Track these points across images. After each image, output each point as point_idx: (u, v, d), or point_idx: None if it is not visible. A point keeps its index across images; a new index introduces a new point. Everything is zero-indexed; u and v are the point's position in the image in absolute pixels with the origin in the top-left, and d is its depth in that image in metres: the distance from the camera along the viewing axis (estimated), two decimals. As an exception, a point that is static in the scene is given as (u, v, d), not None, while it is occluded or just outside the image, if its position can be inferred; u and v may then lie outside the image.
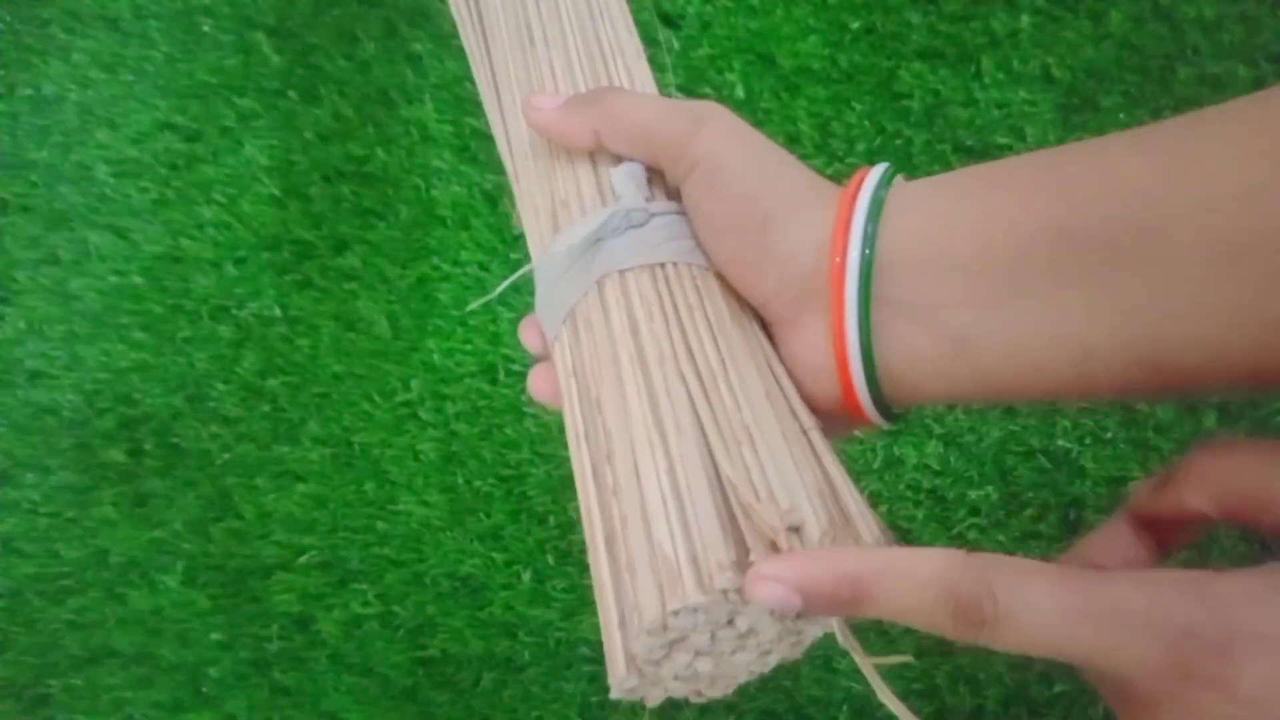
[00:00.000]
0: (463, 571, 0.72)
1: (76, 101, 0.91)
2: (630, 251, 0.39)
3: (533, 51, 0.48)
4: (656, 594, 0.31)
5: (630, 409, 0.36)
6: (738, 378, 0.36)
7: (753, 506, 0.32)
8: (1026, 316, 0.30)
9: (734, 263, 0.36)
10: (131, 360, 0.81)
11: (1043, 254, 0.29)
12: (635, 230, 0.39)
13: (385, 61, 0.87)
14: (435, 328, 0.78)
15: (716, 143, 0.35)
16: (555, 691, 0.68)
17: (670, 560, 0.32)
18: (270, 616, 0.73)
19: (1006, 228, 0.29)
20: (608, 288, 0.39)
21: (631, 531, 0.34)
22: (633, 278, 0.39)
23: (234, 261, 0.83)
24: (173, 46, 0.91)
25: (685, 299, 0.38)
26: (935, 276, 0.31)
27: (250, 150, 0.86)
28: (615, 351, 0.38)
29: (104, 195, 0.87)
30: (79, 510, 0.78)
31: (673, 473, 0.34)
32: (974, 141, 0.76)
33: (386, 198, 0.83)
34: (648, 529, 0.33)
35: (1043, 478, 0.68)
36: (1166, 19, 0.77)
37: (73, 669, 0.75)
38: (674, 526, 0.32)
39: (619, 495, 0.36)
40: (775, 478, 0.33)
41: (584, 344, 0.40)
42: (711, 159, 0.35)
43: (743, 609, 0.32)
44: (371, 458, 0.76)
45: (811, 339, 0.34)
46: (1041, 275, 0.29)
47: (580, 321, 0.40)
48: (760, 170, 0.35)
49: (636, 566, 0.33)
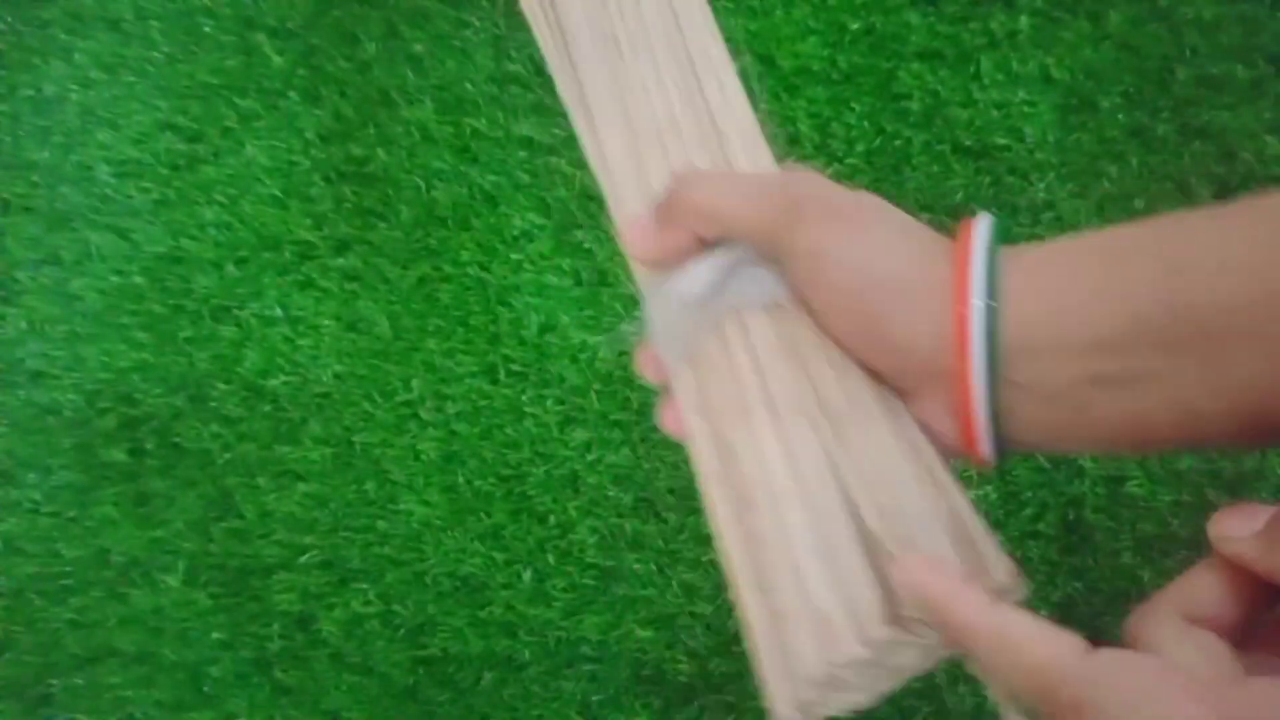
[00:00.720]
0: (463, 571, 0.72)
1: (78, 102, 0.91)
2: (747, 291, 0.40)
3: (621, 64, 0.48)
4: (816, 647, 0.33)
5: (767, 458, 0.37)
6: (866, 422, 0.37)
7: (900, 559, 0.33)
8: (1141, 391, 0.31)
9: (847, 345, 0.36)
10: (133, 360, 0.82)
11: (1157, 333, 0.30)
12: (750, 268, 0.39)
13: (386, 62, 0.87)
14: (436, 328, 0.78)
15: (816, 233, 0.34)
16: (555, 690, 0.68)
17: (826, 614, 0.33)
18: (271, 616, 0.73)
19: (1121, 309, 0.30)
20: (728, 327, 0.40)
21: (783, 583, 0.35)
22: (752, 318, 0.40)
23: (235, 262, 0.83)
24: (174, 47, 0.91)
25: (806, 339, 0.39)
26: (1054, 359, 0.31)
27: (251, 151, 0.86)
28: (744, 397, 0.39)
29: (105, 196, 0.87)
30: (80, 510, 0.78)
31: (818, 525, 0.35)
32: (973, 142, 0.76)
33: (387, 198, 0.83)
34: (799, 581, 0.35)
35: (1041, 477, 0.68)
36: (1165, 20, 0.77)
37: (74, 668, 0.75)
38: (826, 579, 0.34)
39: (766, 546, 0.36)
40: (915, 524, 0.34)
41: (709, 384, 0.40)
42: (812, 253, 0.34)
43: (895, 652, 0.34)
44: (372, 457, 0.76)
45: (931, 406, 0.35)
46: (1156, 353, 0.30)
47: (703, 361, 0.41)
48: (865, 261, 0.34)
49: (791, 618, 0.35)
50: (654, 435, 0.72)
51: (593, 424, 0.74)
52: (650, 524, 0.70)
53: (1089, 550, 0.67)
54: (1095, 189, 0.74)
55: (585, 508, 0.72)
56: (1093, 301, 0.31)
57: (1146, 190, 0.74)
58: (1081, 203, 0.74)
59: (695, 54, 0.48)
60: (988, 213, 0.34)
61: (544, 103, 0.84)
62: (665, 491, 0.71)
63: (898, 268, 0.33)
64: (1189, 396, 0.30)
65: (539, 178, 0.82)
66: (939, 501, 0.35)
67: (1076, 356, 0.31)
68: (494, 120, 0.84)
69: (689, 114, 0.46)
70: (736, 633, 0.68)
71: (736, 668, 0.67)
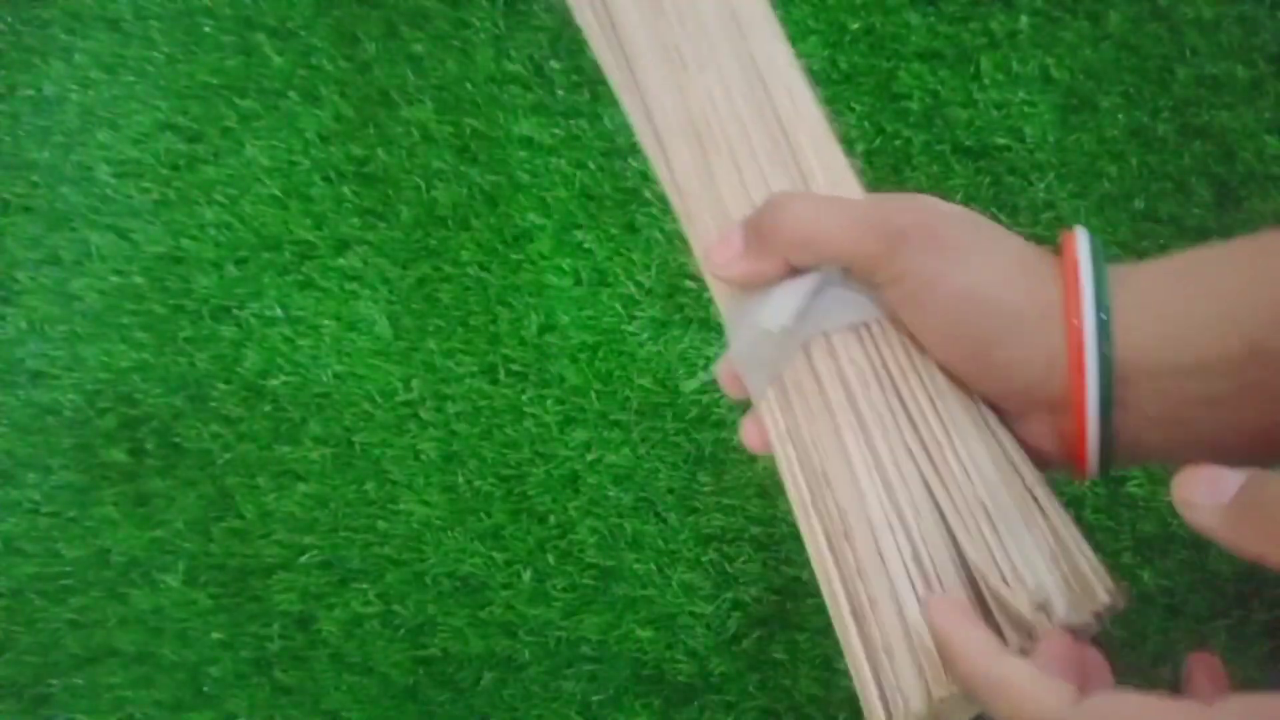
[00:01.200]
0: (463, 571, 0.72)
1: (78, 102, 0.91)
2: (834, 313, 0.39)
3: (686, 76, 0.46)
4: (920, 681, 0.33)
5: (862, 487, 0.37)
6: (963, 445, 0.36)
7: (1002, 593, 0.33)
8: (1254, 407, 0.31)
9: (951, 369, 0.35)
10: (133, 360, 0.82)
11: (1268, 354, 0.30)
12: (838, 289, 0.38)
13: (386, 62, 0.87)
14: (436, 328, 0.78)
15: (916, 260, 0.33)
16: (555, 690, 0.68)
17: (930, 649, 0.33)
18: (271, 616, 0.73)
19: (1233, 330, 0.30)
20: (814, 350, 0.39)
21: (883, 614, 0.35)
22: (839, 340, 0.39)
23: (235, 262, 0.83)
24: (174, 47, 0.91)
25: (896, 361, 0.38)
26: (1168, 380, 0.31)
27: (251, 151, 0.86)
28: (835, 422, 0.38)
29: (105, 196, 0.87)
30: (80, 510, 0.78)
31: (917, 557, 0.35)
32: (973, 142, 0.76)
33: (387, 198, 0.83)
34: (901, 613, 0.34)
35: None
36: (1165, 19, 0.77)
37: (74, 668, 0.75)
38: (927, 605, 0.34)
39: (864, 576, 0.36)
40: (1017, 554, 0.34)
41: (796, 410, 0.39)
42: (916, 281, 0.33)
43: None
44: (372, 457, 0.76)
45: (1037, 428, 0.34)
46: (1267, 370, 0.30)
47: (790, 385, 0.40)
48: (972, 287, 0.33)
49: (894, 650, 0.34)
50: (654, 435, 0.72)
51: (593, 424, 0.74)
52: (650, 524, 0.70)
53: (1089, 550, 0.67)
54: (1095, 189, 0.75)
55: (585, 508, 0.72)
56: (1205, 323, 0.31)
57: (1146, 190, 0.74)
58: (1081, 203, 0.74)
59: (760, 60, 0.46)
60: (1084, 229, 0.34)
61: (544, 103, 0.84)
62: (665, 491, 0.71)
63: (1006, 293, 0.33)
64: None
65: (539, 178, 0.82)
66: (1039, 524, 0.35)
67: (1188, 378, 0.31)
68: (494, 120, 0.84)
69: (759, 126, 0.45)
70: (736, 632, 0.68)
71: (736, 668, 0.67)
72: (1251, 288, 0.30)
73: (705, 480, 0.71)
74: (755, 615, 0.67)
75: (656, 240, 0.76)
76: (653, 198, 0.78)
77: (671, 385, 0.73)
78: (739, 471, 0.71)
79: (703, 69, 0.46)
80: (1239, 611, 0.66)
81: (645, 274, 0.77)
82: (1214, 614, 0.66)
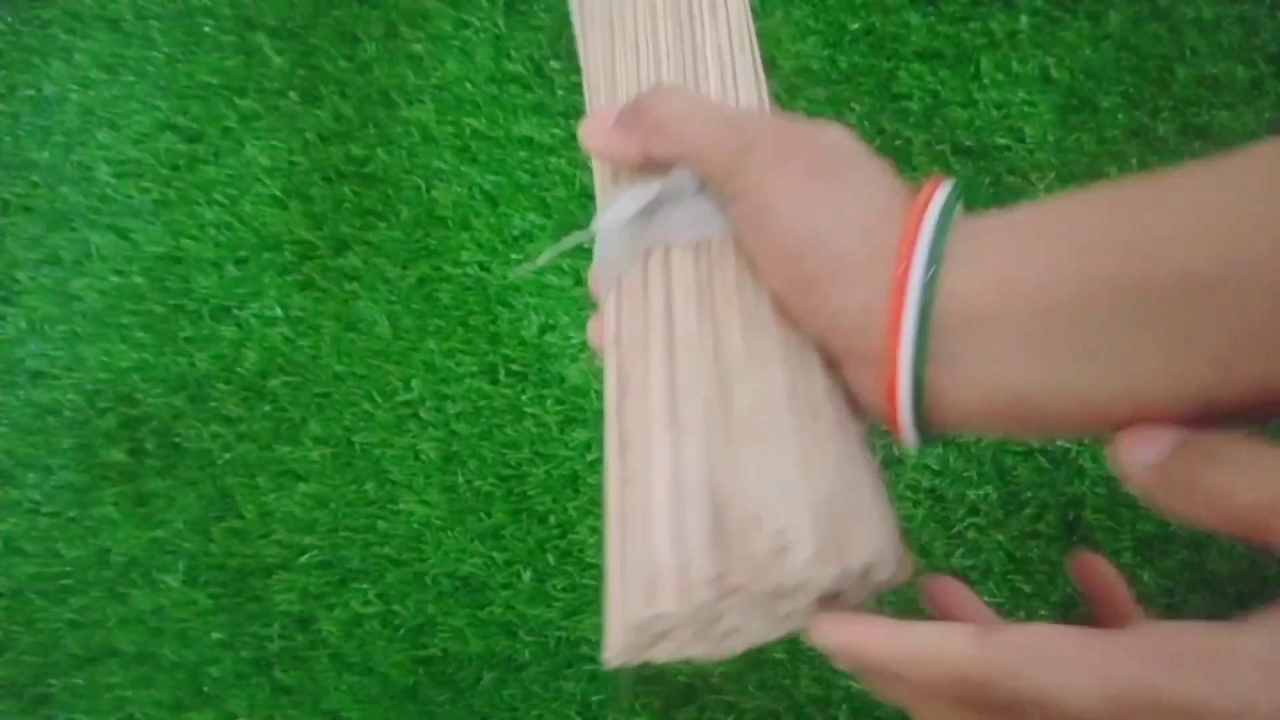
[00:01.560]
0: (463, 571, 0.72)
1: (78, 102, 0.91)
2: (678, 224, 0.39)
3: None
4: (642, 595, 0.33)
5: (651, 400, 0.36)
6: (762, 376, 0.35)
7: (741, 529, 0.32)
8: (1089, 371, 0.29)
9: (782, 301, 0.34)
10: (133, 360, 0.82)
11: (1111, 306, 0.28)
12: (690, 201, 0.38)
13: (386, 62, 0.87)
14: (436, 328, 0.78)
15: (762, 178, 0.32)
16: (555, 690, 0.68)
17: (659, 565, 0.33)
18: (271, 616, 0.73)
19: (1074, 280, 0.28)
20: (652, 261, 0.39)
21: (635, 525, 0.34)
22: (677, 255, 0.39)
23: (235, 262, 0.83)
24: (174, 47, 0.91)
25: (725, 285, 0.37)
26: (993, 335, 0.29)
27: (251, 151, 0.86)
28: (648, 334, 0.38)
29: (105, 196, 0.87)
30: (80, 510, 0.79)
31: (678, 474, 0.34)
32: (973, 142, 0.76)
33: (387, 198, 0.83)
34: (647, 527, 0.34)
35: (1041, 477, 0.68)
36: (1165, 20, 0.77)
37: (74, 668, 0.75)
38: (668, 533, 0.33)
39: (630, 485, 0.35)
40: (773, 491, 0.33)
41: (625, 316, 0.39)
42: (754, 197, 0.32)
43: (726, 611, 0.33)
44: (372, 457, 0.76)
45: (862, 377, 0.33)
46: (1108, 329, 0.28)
47: (625, 290, 0.40)
48: (807, 218, 0.32)
49: (631, 561, 0.34)
50: (654, 435, 0.72)
51: (593, 424, 0.74)
52: (650, 524, 0.70)
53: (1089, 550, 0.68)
54: (1095, 189, 0.74)
55: (585, 508, 0.72)
56: (1045, 271, 0.28)
57: (1146, 190, 0.74)
58: (1081, 203, 0.74)
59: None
60: (951, 180, 0.32)
61: (544, 103, 0.84)
62: (665, 491, 0.71)
63: (842, 231, 0.31)
64: (1139, 379, 0.28)
65: (539, 177, 0.82)
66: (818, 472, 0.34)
67: (1018, 330, 0.29)
68: (494, 120, 0.84)
69: (672, 22, 0.45)
70: (736, 633, 0.68)
71: (736, 668, 0.67)
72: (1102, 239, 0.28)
73: (705, 480, 0.71)
74: (755, 615, 0.68)
75: (656, 240, 0.76)
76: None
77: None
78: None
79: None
80: (1239, 611, 0.66)
81: (645, 274, 0.77)
82: (1214, 614, 0.66)
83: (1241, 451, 0.28)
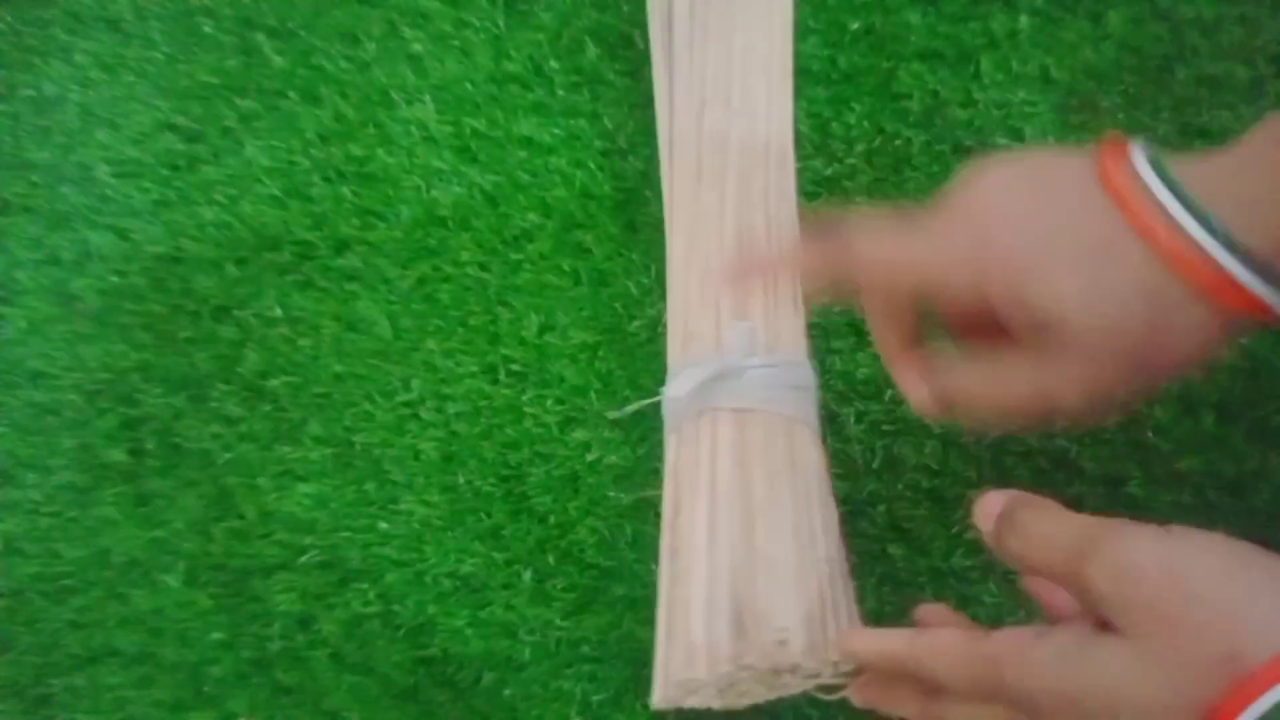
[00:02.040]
0: (463, 571, 0.72)
1: (78, 102, 0.91)
2: (724, 397, 0.54)
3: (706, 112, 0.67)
4: (683, 662, 0.48)
5: (695, 524, 0.51)
6: (776, 519, 0.50)
7: (754, 624, 0.47)
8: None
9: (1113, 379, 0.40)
10: (133, 360, 0.82)
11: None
12: (734, 380, 0.53)
13: (386, 62, 0.87)
14: (436, 328, 0.79)
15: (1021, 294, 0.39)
16: (555, 690, 0.69)
17: (696, 643, 0.48)
18: (271, 616, 0.73)
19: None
20: (704, 420, 0.55)
21: (680, 612, 0.50)
22: (723, 417, 0.54)
23: (235, 262, 0.83)
24: (174, 47, 0.91)
25: (759, 444, 0.52)
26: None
27: (251, 151, 0.86)
28: (697, 473, 0.53)
29: (105, 196, 0.87)
30: (80, 510, 0.79)
31: (712, 580, 0.49)
32: (973, 142, 0.76)
33: (387, 198, 0.83)
34: (688, 615, 0.49)
35: (1041, 478, 0.68)
36: (1165, 20, 0.77)
37: (74, 668, 0.75)
38: (703, 619, 0.48)
39: (678, 583, 0.51)
40: (779, 602, 0.47)
41: (683, 455, 0.55)
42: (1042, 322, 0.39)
43: (740, 680, 0.47)
44: (372, 458, 0.76)
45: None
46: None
47: (684, 435, 0.56)
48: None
49: (676, 637, 0.50)
50: (654, 435, 0.72)
51: (593, 424, 0.74)
52: (650, 524, 0.70)
53: (1089, 550, 0.67)
54: (1095, 189, 0.74)
55: (585, 507, 0.72)
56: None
57: (1146, 190, 0.74)
58: (1081, 203, 0.74)
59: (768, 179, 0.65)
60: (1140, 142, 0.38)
61: (544, 102, 0.84)
62: (665, 492, 0.71)
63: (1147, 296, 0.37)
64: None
65: (539, 177, 0.82)
66: (811, 589, 0.48)
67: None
68: (494, 120, 0.84)
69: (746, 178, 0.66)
70: (736, 633, 0.68)
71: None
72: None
73: (705, 480, 0.71)
74: (755, 615, 0.68)
75: (656, 240, 0.76)
76: (653, 198, 0.78)
77: (671, 385, 0.73)
78: (739, 472, 0.71)
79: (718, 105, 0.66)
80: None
81: (645, 274, 0.77)
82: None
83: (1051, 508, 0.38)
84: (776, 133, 0.65)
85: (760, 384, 0.53)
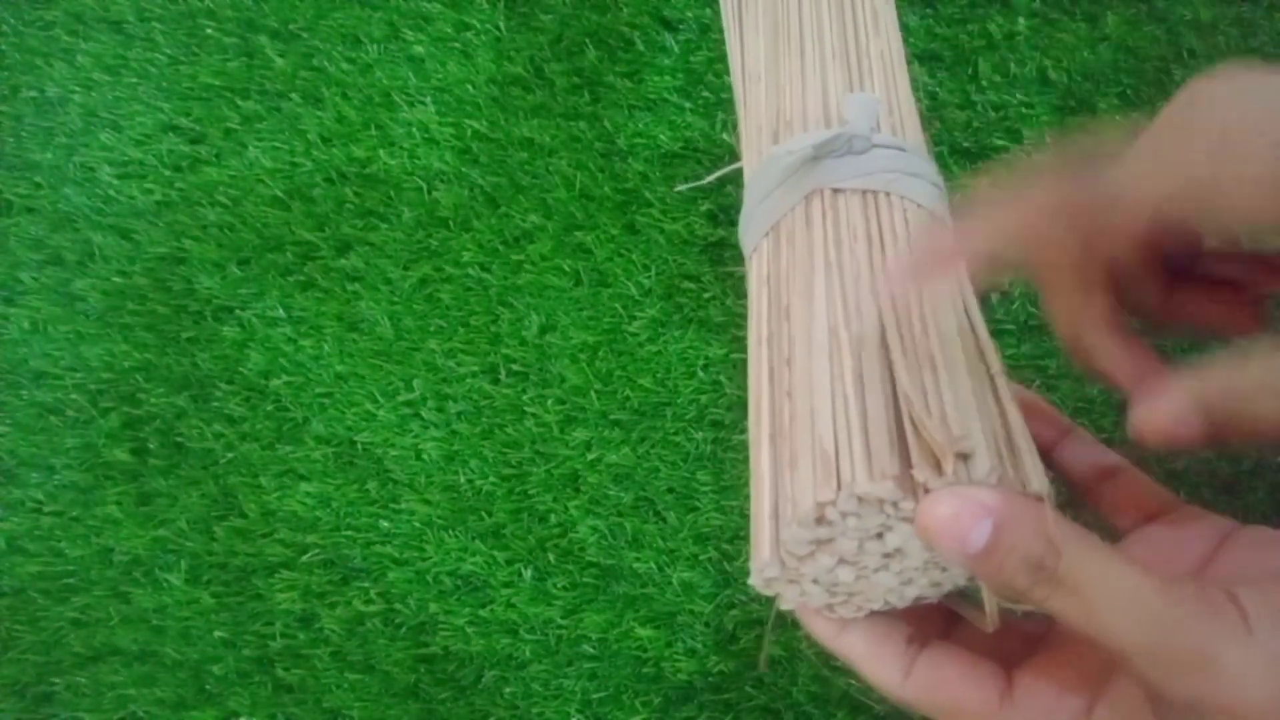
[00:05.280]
0: (464, 570, 0.72)
1: (80, 104, 0.91)
2: (846, 173, 0.40)
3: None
4: (812, 486, 0.32)
5: (816, 314, 0.36)
6: (931, 310, 0.36)
7: (925, 422, 0.31)
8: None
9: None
10: (136, 360, 0.82)
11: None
12: (855, 156, 0.40)
13: (387, 64, 0.88)
14: (437, 328, 0.79)
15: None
16: (556, 688, 0.69)
17: (830, 456, 0.32)
18: (273, 614, 0.74)
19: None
20: (815, 204, 0.40)
21: (799, 428, 0.34)
22: (844, 199, 0.40)
23: (237, 263, 0.84)
24: (176, 49, 0.91)
25: (893, 229, 0.39)
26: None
27: (253, 152, 0.87)
28: (813, 262, 0.38)
29: (108, 197, 0.88)
30: (83, 509, 0.79)
31: (848, 378, 0.34)
32: (971, 144, 0.76)
33: (389, 199, 0.83)
34: (813, 426, 0.33)
35: (1039, 477, 0.68)
36: (1162, 21, 0.78)
37: (76, 667, 0.75)
38: (841, 426, 0.32)
39: (792, 396, 0.35)
40: (952, 404, 0.32)
41: (783, 256, 0.40)
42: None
43: (895, 525, 0.32)
44: (374, 457, 0.76)
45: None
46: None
47: (784, 234, 0.41)
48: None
49: (798, 461, 0.33)
50: (654, 434, 0.72)
51: (593, 424, 0.74)
52: (650, 523, 0.70)
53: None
54: (1093, 190, 0.75)
55: (585, 507, 0.72)
56: None
57: (1144, 191, 0.74)
58: (1079, 204, 0.75)
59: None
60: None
61: (545, 104, 0.84)
62: (665, 491, 0.72)
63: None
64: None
65: (539, 179, 0.82)
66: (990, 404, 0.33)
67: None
68: (495, 121, 0.84)
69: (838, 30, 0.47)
70: (735, 631, 0.68)
71: (736, 666, 0.67)
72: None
73: (704, 479, 0.71)
74: (753, 614, 0.68)
75: (656, 241, 0.76)
76: (652, 198, 0.79)
77: (671, 385, 0.74)
78: (738, 470, 0.71)
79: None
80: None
81: (645, 274, 0.77)
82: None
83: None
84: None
85: (888, 164, 0.40)
